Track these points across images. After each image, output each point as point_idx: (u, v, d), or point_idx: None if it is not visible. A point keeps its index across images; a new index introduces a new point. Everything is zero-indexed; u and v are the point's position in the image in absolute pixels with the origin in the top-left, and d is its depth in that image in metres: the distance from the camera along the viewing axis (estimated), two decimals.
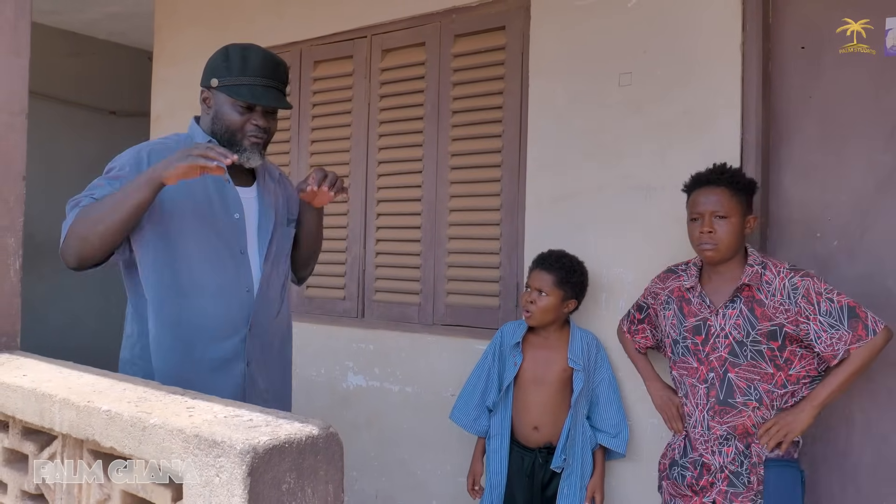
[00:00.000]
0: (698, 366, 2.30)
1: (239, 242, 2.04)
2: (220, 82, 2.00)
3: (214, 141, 2.03)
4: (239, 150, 2.01)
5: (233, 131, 2.01)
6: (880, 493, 2.39)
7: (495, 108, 3.21)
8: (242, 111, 2.00)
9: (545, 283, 2.65)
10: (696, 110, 2.66)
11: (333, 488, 1.18)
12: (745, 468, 2.22)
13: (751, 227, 2.28)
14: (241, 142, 2.01)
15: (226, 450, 1.06)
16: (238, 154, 1.99)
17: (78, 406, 1.28)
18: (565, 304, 2.67)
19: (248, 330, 2.04)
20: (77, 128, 5.79)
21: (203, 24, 4.24)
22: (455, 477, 3.21)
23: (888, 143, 2.40)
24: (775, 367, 2.18)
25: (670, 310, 2.41)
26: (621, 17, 2.83)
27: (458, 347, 3.23)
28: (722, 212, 2.24)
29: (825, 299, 2.13)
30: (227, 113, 2.00)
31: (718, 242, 2.24)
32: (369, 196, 3.60)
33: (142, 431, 1.17)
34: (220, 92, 2.01)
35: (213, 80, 2.01)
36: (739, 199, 2.26)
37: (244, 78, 1.98)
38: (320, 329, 3.69)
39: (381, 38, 3.57)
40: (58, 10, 5.30)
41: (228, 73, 1.99)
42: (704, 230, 2.25)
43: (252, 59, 2.00)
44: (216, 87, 2.01)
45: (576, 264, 2.71)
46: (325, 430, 1.17)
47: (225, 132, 2.01)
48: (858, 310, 2.12)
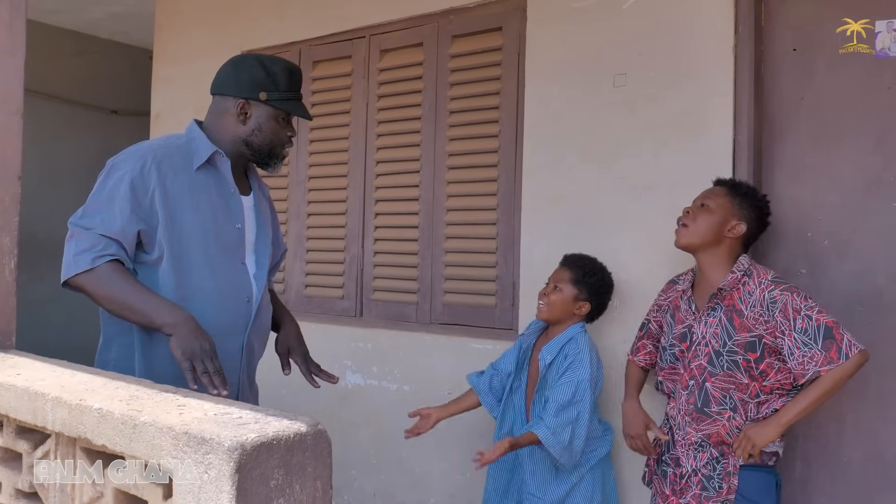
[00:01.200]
0: (683, 372, 2.32)
1: (239, 253, 2.06)
2: (269, 97, 2.03)
3: (221, 152, 2.03)
4: (275, 160, 2.11)
5: (274, 145, 2.08)
6: (870, 489, 2.41)
7: (492, 108, 3.23)
8: (282, 125, 2.08)
9: (562, 278, 2.64)
10: (690, 111, 2.67)
11: (322, 484, 1.20)
12: (717, 473, 2.23)
13: (734, 232, 2.28)
14: (279, 153, 2.11)
15: (214, 447, 1.08)
16: (271, 166, 2.11)
17: (70, 404, 1.30)
18: (577, 304, 2.62)
19: (245, 339, 2.07)
20: (79, 127, 5.82)
21: (204, 23, 4.27)
22: (453, 475, 3.23)
23: (878, 144, 2.42)
24: (750, 378, 2.18)
25: (666, 319, 2.45)
26: (616, 19, 2.85)
27: (456, 346, 3.25)
28: (709, 204, 2.30)
29: (803, 316, 2.10)
30: (273, 127, 2.06)
31: (688, 222, 2.31)
32: (367, 195, 3.62)
33: (132, 429, 1.19)
34: (267, 105, 2.04)
35: (262, 94, 2.03)
36: (732, 203, 2.30)
37: (290, 93, 2.07)
38: (319, 328, 3.71)
39: (379, 39, 3.60)
40: (60, 10, 5.32)
41: (276, 88, 2.04)
42: (686, 210, 2.33)
43: (295, 75, 2.09)
44: (265, 100, 2.03)
45: (597, 268, 2.68)
46: (313, 427, 1.19)
47: (267, 144, 2.07)
48: (836, 331, 2.09)
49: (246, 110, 2.04)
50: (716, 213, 2.29)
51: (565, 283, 2.63)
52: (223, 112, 2.06)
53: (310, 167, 3.84)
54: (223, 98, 2.07)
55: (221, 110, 2.07)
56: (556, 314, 2.65)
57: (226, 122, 2.06)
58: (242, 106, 2.03)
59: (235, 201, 2.07)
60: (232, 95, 2.04)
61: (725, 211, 2.29)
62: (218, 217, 2.02)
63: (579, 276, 2.63)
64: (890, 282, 2.39)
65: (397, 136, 3.53)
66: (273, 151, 2.09)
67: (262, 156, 2.09)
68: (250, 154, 2.08)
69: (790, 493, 2.50)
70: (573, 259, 2.70)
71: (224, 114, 2.06)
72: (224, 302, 2.00)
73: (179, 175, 1.97)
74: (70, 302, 2.36)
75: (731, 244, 2.30)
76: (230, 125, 2.06)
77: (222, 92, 2.07)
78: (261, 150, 2.07)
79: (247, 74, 2.04)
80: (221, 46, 4.12)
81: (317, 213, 3.83)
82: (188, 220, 1.96)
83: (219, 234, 2.01)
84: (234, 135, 2.06)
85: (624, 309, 2.77)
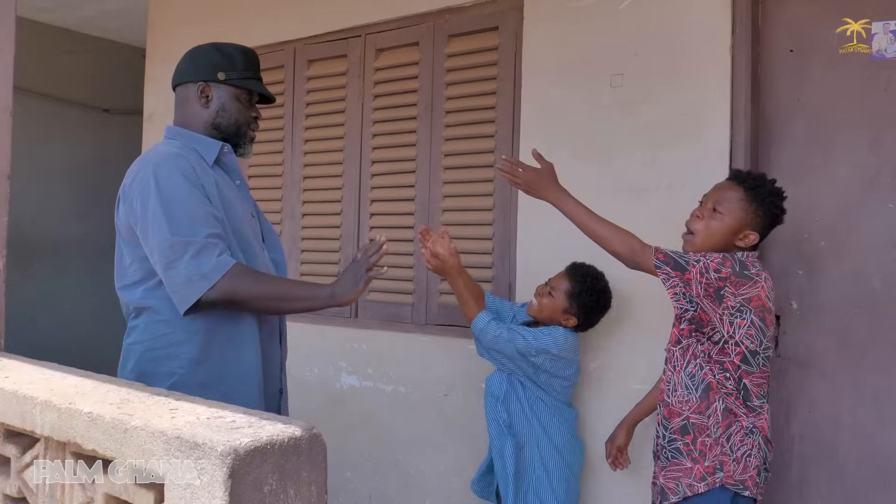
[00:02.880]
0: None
1: (259, 240, 2.09)
2: (227, 76, 2.04)
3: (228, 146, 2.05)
4: (244, 141, 2.11)
5: (240, 124, 2.08)
6: (867, 490, 2.41)
7: (488, 108, 3.22)
8: (246, 105, 2.09)
9: (559, 286, 2.62)
10: (687, 112, 2.66)
11: (317, 489, 1.19)
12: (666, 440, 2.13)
13: (746, 242, 2.07)
14: (245, 135, 2.10)
15: (206, 451, 1.06)
16: (241, 147, 2.11)
17: (60, 408, 1.28)
18: (565, 316, 2.60)
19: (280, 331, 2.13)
20: (70, 126, 5.78)
21: (198, 22, 4.23)
22: (449, 476, 3.22)
23: (873, 145, 2.42)
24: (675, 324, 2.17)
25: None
26: (613, 20, 2.84)
27: (451, 347, 3.24)
28: (721, 207, 2.08)
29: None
30: (236, 106, 2.07)
31: (698, 231, 2.10)
32: (363, 195, 3.60)
33: (123, 433, 1.17)
34: (227, 86, 2.05)
35: (220, 74, 2.04)
36: (747, 207, 2.06)
37: (248, 73, 2.08)
38: (314, 329, 3.70)
39: (375, 38, 3.58)
40: (52, 7, 5.28)
41: (233, 68, 2.05)
42: (695, 213, 2.14)
43: (250, 56, 2.10)
44: (223, 80, 2.04)
45: (598, 290, 2.60)
46: (308, 431, 1.17)
47: (233, 125, 2.07)
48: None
49: (207, 93, 2.05)
50: (727, 220, 2.06)
51: (560, 293, 2.60)
52: (186, 101, 2.07)
53: (304, 167, 3.82)
54: (184, 87, 2.08)
55: (184, 99, 2.08)
56: (543, 316, 2.64)
57: (191, 111, 2.06)
58: (203, 89, 2.05)
59: (244, 191, 2.12)
60: (191, 81, 2.06)
61: (738, 219, 2.06)
62: (239, 208, 2.02)
63: (576, 291, 2.59)
64: (885, 283, 2.39)
65: (393, 136, 3.51)
66: (240, 131, 2.09)
67: (232, 136, 2.08)
68: (220, 138, 2.07)
69: (786, 494, 2.49)
70: (578, 271, 2.64)
71: (187, 102, 2.07)
72: None
73: (201, 173, 1.95)
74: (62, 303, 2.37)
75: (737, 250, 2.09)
76: (195, 112, 2.06)
77: (182, 81, 2.08)
78: (228, 131, 2.08)
79: (203, 59, 2.06)
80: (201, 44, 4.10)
81: (312, 213, 3.81)
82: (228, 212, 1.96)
83: (244, 225, 2.01)
84: (201, 121, 2.06)
85: (621, 311, 2.75)
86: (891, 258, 2.39)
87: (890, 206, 2.39)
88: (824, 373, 2.46)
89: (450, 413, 3.23)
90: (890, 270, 2.39)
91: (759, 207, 2.06)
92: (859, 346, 2.42)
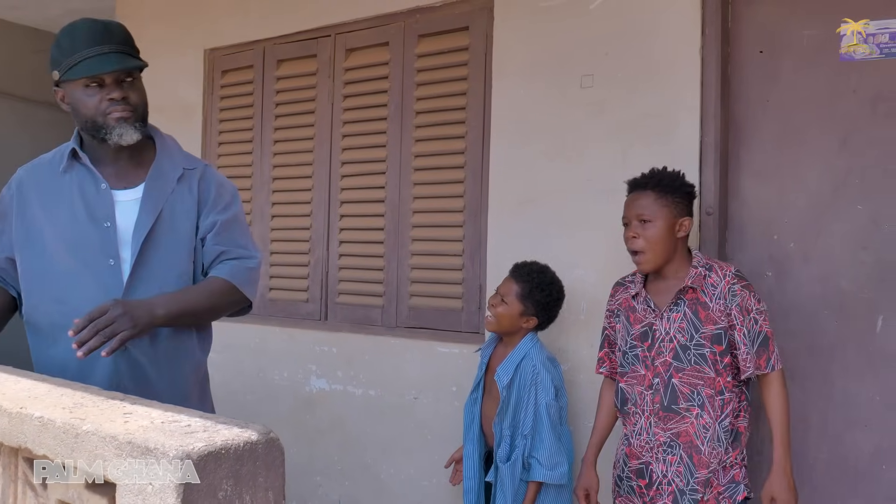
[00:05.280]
0: (645, 372, 2.26)
1: (109, 251, 1.90)
2: (60, 71, 1.87)
3: (76, 147, 1.96)
4: (107, 132, 1.88)
5: (93, 117, 1.88)
6: (836, 491, 2.42)
7: (459, 108, 3.20)
8: (94, 91, 1.87)
9: (509, 291, 2.58)
10: (657, 112, 2.66)
11: (273, 495, 1.16)
12: (689, 487, 2.18)
13: (685, 230, 2.23)
14: (105, 123, 1.88)
15: (159, 456, 1.03)
16: (113, 137, 1.89)
17: (10, 412, 1.23)
18: (524, 318, 2.57)
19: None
20: (38, 125, 5.67)
21: (165, 20, 4.18)
22: (419, 480, 3.19)
23: (842, 147, 2.43)
24: (716, 373, 2.17)
25: (620, 322, 2.36)
26: (584, 20, 2.83)
27: (422, 350, 3.21)
28: (646, 215, 2.20)
29: (752, 318, 2.14)
30: (81, 100, 1.88)
31: (643, 248, 2.20)
32: (332, 197, 3.56)
33: (74, 438, 1.14)
34: (66, 82, 1.88)
35: (54, 73, 1.89)
36: (666, 203, 2.20)
37: (77, 55, 1.84)
38: (283, 332, 3.66)
39: (344, 38, 3.55)
40: (18, 6, 5.20)
41: (62, 57, 1.86)
42: (629, 235, 2.24)
43: (78, 33, 1.87)
44: (58, 79, 1.89)
45: (547, 283, 2.59)
46: (264, 435, 1.14)
47: (88, 122, 1.89)
48: (770, 342, 2.15)
49: (62, 97, 1.94)
50: (659, 222, 2.20)
51: (512, 297, 2.57)
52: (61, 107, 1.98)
53: (274, 168, 3.78)
54: None
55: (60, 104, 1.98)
56: (503, 327, 2.60)
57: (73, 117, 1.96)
58: (58, 96, 1.95)
59: (104, 198, 1.92)
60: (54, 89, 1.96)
61: (666, 216, 2.20)
62: (78, 219, 1.92)
63: (526, 291, 2.56)
64: (853, 285, 2.40)
65: (363, 137, 3.49)
66: (97, 123, 1.88)
67: (93, 133, 1.90)
68: (91, 138, 1.93)
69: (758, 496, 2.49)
70: (522, 270, 2.61)
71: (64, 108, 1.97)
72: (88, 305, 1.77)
73: (42, 185, 1.94)
74: None
75: (682, 241, 2.25)
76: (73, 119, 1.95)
77: None
78: (91, 130, 1.90)
79: (49, 60, 1.92)
80: (183, 44, 4.05)
81: (281, 214, 3.77)
82: (43, 228, 1.94)
83: (78, 237, 1.91)
84: (78, 126, 1.96)
85: (591, 311, 2.74)
86: (859, 260, 2.40)
87: (859, 208, 2.40)
88: (793, 375, 2.46)
89: (420, 416, 3.20)
90: (858, 272, 2.40)
91: (674, 196, 2.22)
92: (828, 348, 2.43)
